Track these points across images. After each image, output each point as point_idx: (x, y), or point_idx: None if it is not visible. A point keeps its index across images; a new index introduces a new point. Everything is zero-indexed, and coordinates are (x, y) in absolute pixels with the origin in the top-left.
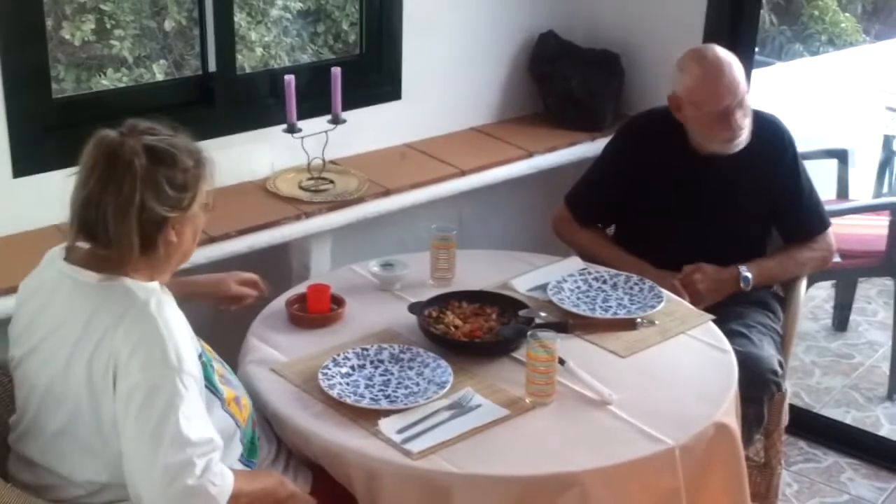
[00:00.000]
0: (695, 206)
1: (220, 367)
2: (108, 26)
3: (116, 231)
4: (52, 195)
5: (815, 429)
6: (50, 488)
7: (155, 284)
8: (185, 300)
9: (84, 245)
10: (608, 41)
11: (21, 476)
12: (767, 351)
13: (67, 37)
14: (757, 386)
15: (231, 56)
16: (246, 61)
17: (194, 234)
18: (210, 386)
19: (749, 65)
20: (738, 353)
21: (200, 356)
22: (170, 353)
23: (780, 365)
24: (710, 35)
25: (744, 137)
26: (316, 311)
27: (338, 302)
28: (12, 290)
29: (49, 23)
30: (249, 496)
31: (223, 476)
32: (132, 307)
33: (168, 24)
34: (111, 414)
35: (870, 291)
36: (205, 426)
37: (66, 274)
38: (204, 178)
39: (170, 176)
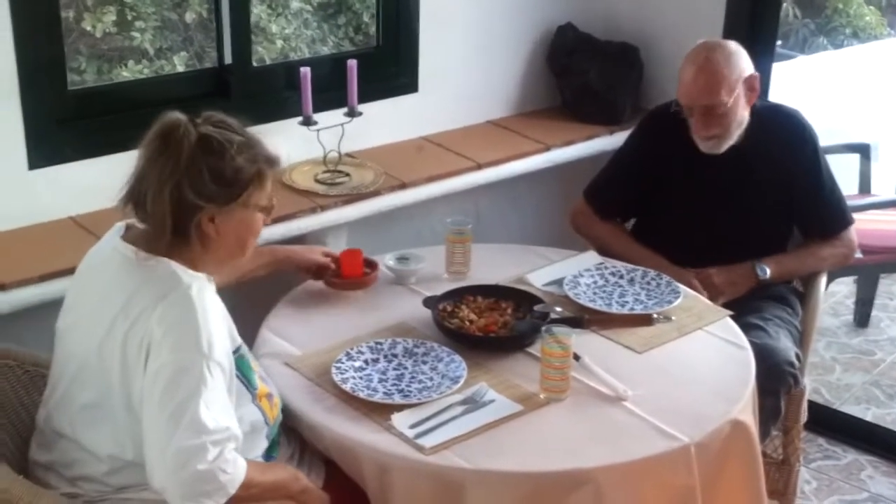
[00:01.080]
0: (714, 200)
1: (256, 365)
2: (130, 18)
3: (152, 207)
4: (67, 187)
5: (834, 426)
6: (73, 464)
7: (201, 274)
8: (280, 266)
9: (139, 225)
10: (627, 34)
11: (43, 458)
12: (784, 343)
13: (88, 28)
14: (773, 377)
15: (247, 48)
16: (266, 53)
17: (241, 235)
18: (244, 378)
19: (769, 57)
20: (753, 345)
21: (238, 349)
22: (202, 338)
23: (798, 357)
24: (730, 28)
25: (712, 144)
26: (350, 276)
27: (371, 266)
28: (28, 281)
29: (70, 14)
30: (261, 487)
31: (235, 464)
32: (173, 290)
33: (189, 16)
34: (140, 391)
35: (892, 287)
36: (224, 416)
37: (118, 249)
38: (258, 181)
39: (214, 167)
